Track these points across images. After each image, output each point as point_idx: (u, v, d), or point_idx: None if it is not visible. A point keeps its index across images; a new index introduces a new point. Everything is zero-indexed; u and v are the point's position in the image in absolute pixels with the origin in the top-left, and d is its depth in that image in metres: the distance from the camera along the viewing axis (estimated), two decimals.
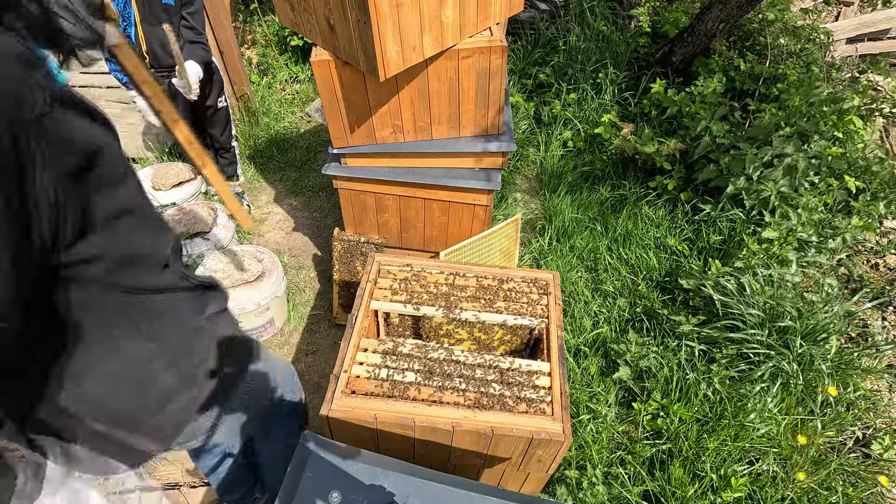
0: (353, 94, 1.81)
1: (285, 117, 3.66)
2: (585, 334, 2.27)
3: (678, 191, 2.87)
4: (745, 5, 3.04)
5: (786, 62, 3.28)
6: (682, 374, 2.06)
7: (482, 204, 2.14)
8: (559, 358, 1.31)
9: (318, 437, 1.03)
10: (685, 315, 2.27)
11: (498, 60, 1.75)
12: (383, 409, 1.20)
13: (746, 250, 2.40)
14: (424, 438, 1.22)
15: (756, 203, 2.54)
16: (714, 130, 2.73)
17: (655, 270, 2.55)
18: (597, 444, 1.90)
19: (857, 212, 2.58)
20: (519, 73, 3.68)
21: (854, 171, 2.64)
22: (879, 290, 2.53)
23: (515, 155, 3.22)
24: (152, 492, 1.86)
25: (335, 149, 2.02)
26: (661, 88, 3.17)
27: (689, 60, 3.42)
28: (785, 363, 2.00)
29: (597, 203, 2.91)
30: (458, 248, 2.17)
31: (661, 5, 4.08)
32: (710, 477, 1.80)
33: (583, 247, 2.67)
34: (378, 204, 2.23)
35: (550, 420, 1.19)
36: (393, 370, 1.28)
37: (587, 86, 3.43)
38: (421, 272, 1.51)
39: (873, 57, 4.03)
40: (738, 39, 3.64)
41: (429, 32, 1.58)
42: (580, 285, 2.50)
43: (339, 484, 0.97)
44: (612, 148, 3.13)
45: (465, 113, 1.91)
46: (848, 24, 4.03)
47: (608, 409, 2.02)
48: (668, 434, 1.94)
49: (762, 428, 1.90)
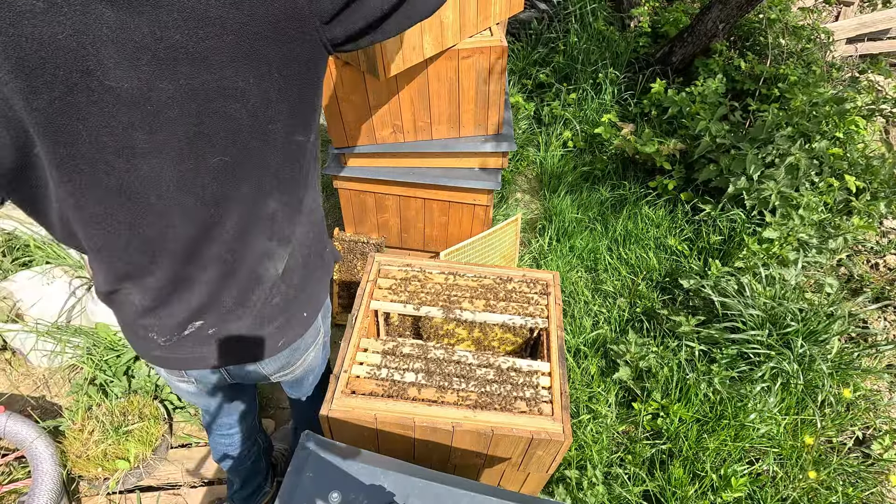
0: (353, 94, 1.81)
1: None
2: (585, 334, 2.27)
3: (678, 191, 2.87)
4: (745, 5, 3.04)
5: (786, 62, 3.28)
6: (682, 375, 2.06)
7: (482, 204, 2.14)
8: (559, 358, 1.31)
9: (318, 437, 1.03)
10: (685, 315, 2.27)
11: (498, 60, 1.75)
12: (383, 409, 1.20)
13: (747, 250, 2.40)
14: (424, 438, 1.22)
15: (756, 203, 2.54)
16: (714, 130, 2.73)
17: (655, 270, 2.55)
18: (597, 444, 1.90)
19: (858, 211, 2.58)
20: (519, 73, 3.68)
21: (854, 171, 2.64)
22: (879, 290, 2.53)
23: (515, 155, 3.22)
24: (152, 492, 1.86)
25: (335, 149, 2.02)
26: (661, 88, 3.17)
27: (689, 60, 3.42)
28: (785, 363, 2.00)
29: (597, 203, 2.91)
30: (458, 248, 2.17)
31: (661, 5, 4.08)
32: (710, 477, 1.80)
33: (583, 247, 2.67)
34: (378, 204, 2.23)
35: (550, 420, 1.19)
36: (393, 370, 1.28)
37: (587, 86, 3.43)
38: (421, 272, 1.51)
39: (873, 57, 4.03)
40: (738, 39, 3.64)
41: (429, 32, 1.58)
42: (580, 285, 2.50)
43: (339, 484, 0.97)
44: (612, 148, 3.13)
45: (465, 113, 1.91)
46: (848, 24, 4.03)
47: (608, 409, 2.01)
48: (668, 434, 1.94)
49: (762, 428, 1.90)
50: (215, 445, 1.46)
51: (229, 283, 0.87)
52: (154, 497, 1.85)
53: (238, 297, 0.90)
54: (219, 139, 0.69)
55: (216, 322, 0.92)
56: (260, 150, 0.74)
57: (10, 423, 1.77)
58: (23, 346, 2.07)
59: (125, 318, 0.93)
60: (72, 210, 0.72)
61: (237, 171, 0.74)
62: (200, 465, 1.94)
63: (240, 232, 0.81)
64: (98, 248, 0.78)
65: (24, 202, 0.72)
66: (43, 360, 2.11)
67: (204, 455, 1.97)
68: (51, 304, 2.09)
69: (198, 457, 1.96)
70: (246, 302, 0.92)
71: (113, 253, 0.78)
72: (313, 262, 1.02)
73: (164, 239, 0.77)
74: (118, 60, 0.60)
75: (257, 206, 0.80)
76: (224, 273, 0.85)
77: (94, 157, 0.66)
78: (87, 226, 0.74)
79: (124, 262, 0.80)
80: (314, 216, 0.97)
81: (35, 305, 2.07)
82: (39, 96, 0.59)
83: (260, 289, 0.91)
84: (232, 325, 0.94)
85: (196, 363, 1.00)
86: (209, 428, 1.42)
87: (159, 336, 0.92)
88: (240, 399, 1.34)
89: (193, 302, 0.87)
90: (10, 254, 2.38)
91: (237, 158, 0.73)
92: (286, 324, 1.01)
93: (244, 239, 0.82)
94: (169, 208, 0.73)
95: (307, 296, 1.04)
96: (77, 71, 0.59)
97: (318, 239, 1.02)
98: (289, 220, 0.88)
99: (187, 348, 0.95)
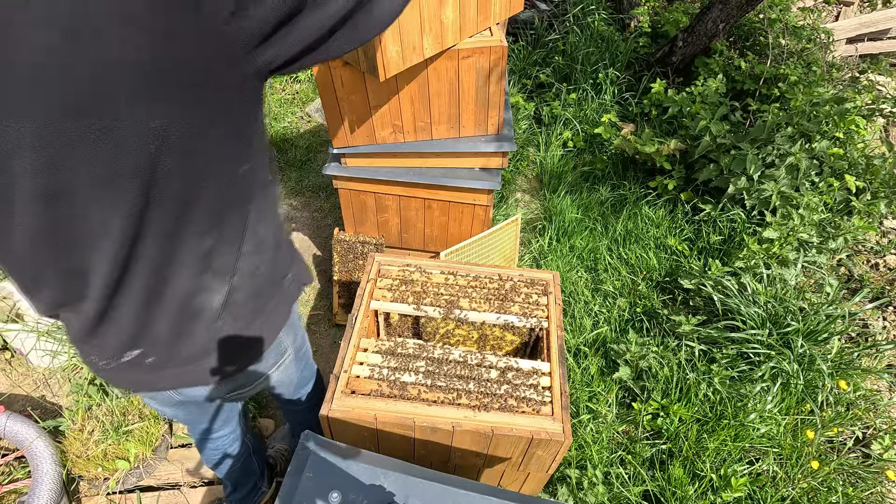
0: (353, 94, 1.81)
1: (285, 117, 3.66)
2: (585, 334, 2.27)
3: (678, 191, 2.87)
4: (746, 5, 3.04)
5: (786, 62, 3.28)
6: (682, 374, 2.06)
7: (482, 204, 2.14)
8: (559, 358, 1.31)
9: (318, 437, 1.03)
10: (685, 315, 2.27)
11: (498, 60, 1.75)
12: (383, 409, 1.20)
13: (747, 250, 2.40)
14: (424, 438, 1.22)
15: (757, 203, 2.54)
16: (714, 130, 2.73)
17: (655, 270, 2.55)
18: (597, 444, 1.90)
19: (858, 211, 2.58)
20: (519, 73, 3.68)
21: (854, 171, 2.64)
22: (879, 290, 2.53)
23: (515, 155, 3.22)
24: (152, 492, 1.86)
25: (335, 149, 2.02)
26: (661, 88, 3.17)
27: (689, 60, 3.42)
28: (785, 363, 2.00)
29: (597, 203, 2.91)
30: (459, 248, 2.17)
31: (661, 5, 4.07)
32: (710, 477, 1.80)
33: (583, 247, 2.67)
34: (378, 204, 2.23)
35: (550, 420, 1.19)
36: (393, 370, 1.28)
37: (587, 86, 3.43)
38: (421, 272, 1.51)
39: (873, 57, 4.03)
40: (738, 39, 3.63)
41: (429, 32, 1.58)
42: (580, 285, 2.50)
43: (339, 484, 0.97)
44: (612, 148, 3.13)
45: (465, 113, 1.91)
46: (848, 24, 4.03)
47: (608, 409, 2.01)
48: (668, 434, 1.94)
49: (762, 428, 1.90)
50: (204, 453, 1.46)
51: (160, 316, 0.85)
52: (154, 497, 1.85)
53: (175, 329, 0.88)
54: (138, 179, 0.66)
55: (154, 352, 0.91)
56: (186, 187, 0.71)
57: (10, 423, 1.77)
58: (23, 346, 2.07)
59: (71, 337, 0.93)
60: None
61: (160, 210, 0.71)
62: (200, 464, 1.94)
63: (165, 268, 0.79)
64: (28, 282, 0.79)
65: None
66: (43, 359, 2.11)
67: None
68: None
69: (197, 457, 1.96)
70: (184, 333, 0.89)
71: (46, 284, 0.78)
72: (267, 292, 0.99)
73: (90, 272, 0.76)
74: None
75: (185, 244, 0.77)
76: (151, 306, 0.83)
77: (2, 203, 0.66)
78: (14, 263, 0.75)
79: (58, 291, 0.80)
80: (264, 246, 0.92)
81: None
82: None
83: (199, 322, 0.89)
84: (173, 355, 0.92)
85: (141, 386, 0.99)
86: (196, 440, 1.42)
87: (99, 359, 0.91)
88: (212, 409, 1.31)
89: (125, 332, 0.86)
90: None
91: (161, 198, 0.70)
92: (237, 350, 0.99)
93: (171, 274, 0.80)
94: (93, 245, 0.72)
95: (261, 324, 1.01)
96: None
97: (272, 269, 0.97)
98: (228, 254, 0.84)
99: (129, 373, 0.94)
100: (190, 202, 0.73)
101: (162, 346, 0.90)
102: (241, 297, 0.92)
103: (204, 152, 0.69)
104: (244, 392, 1.14)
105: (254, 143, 0.77)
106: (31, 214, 0.67)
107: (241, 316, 0.95)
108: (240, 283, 0.90)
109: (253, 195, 0.83)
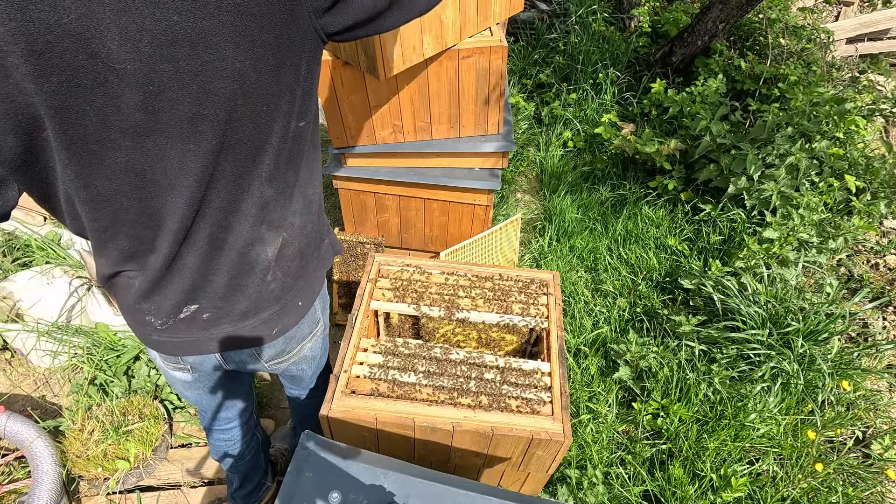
0: (353, 94, 1.81)
1: None
2: (585, 334, 2.27)
3: (678, 191, 2.87)
4: (746, 5, 3.04)
5: (786, 62, 3.28)
6: (682, 375, 2.06)
7: (482, 204, 2.14)
8: (559, 358, 1.31)
9: (318, 437, 1.03)
10: (685, 315, 2.27)
11: (498, 60, 1.75)
12: (383, 409, 1.20)
13: (747, 250, 2.40)
14: (424, 438, 1.22)
15: (757, 203, 2.54)
16: (714, 130, 2.73)
17: (655, 270, 2.55)
18: (597, 444, 1.90)
19: (858, 211, 2.58)
20: (519, 73, 3.68)
21: (854, 171, 2.64)
22: (879, 290, 2.53)
23: (515, 155, 3.22)
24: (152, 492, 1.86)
25: (335, 149, 2.02)
26: (661, 88, 3.17)
27: (689, 60, 3.42)
28: (785, 363, 2.00)
29: (597, 203, 2.91)
30: (459, 248, 2.17)
31: (661, 5, 4.08)
32: (710, 477, 1.80)
33: (583, 247, 2.67)
34: (378, 204, 2.23)
35: (550, 420, 1.19)
36: (393, 370, 1.28)
37: (587, 86, 3.43)
38: (421, 272, 1.51)
39: (873, 57, 4.03)
40: (738, 39, 3.63)
41: (429, 32, 1.58)
42: (580, 285, 2.50)
43: (339, 484, 0.97)
44: (613, 148, 3.13)
45: (465, 113, 1.91)
46: (848, 24, 4.03)
47: (608, 409, 2.01)
48: (668, 434, 1.94)
49: (762, 428, 1.90)
50: (214, 442, 1.47)
51: (219, 267, 0.89)
52: (154, 497, 1.85)
53: (230, 282, 0.92)
54: (217, 121, 0.71)
55: (210, 307, 0.94)
56: (256, 133, 0.76)
57: (10, 423, 1.77)
58: (23, 346, 2.07)
59: (125, 302, 0.95)
60: (80, 190, 0.74)
61: (233, 154, 0.76)
62: (200, 464, 1.94)
63: (230, 214, 0.83)
64: (105, 227, 0.80)
65: (31, 187, 0.75)
66: (43, 360, 2.11)
67: (204, 455, 1.97)
68: (51, 304, 2.09)
69: (198, 457, 1.96)
70: (239, 287, 0.93)
71: (120, 230, 0.80)
72: (310, 253, 1.03)
73: (166, 215, 0.79)
74: (121, 42, 0.62)
75: (250, 191, 0.82)
76: (214, 256, 0.87)
77: (101, 136, 0.68)
78: (95, 204, 0.76)
79: (130, 238, 0.82)
80: (312, 206, 0.99)
81: (35, 305, 2.07)
82: (48, 79, 0.62)
83: (253, 274, 0.93)
84: (226, 310, 0.96)
85: (191, 348, 1.01)
86: (208, 426, 1.42)
87: (156, 319, 0.94)
88: (236, 391, 1.35)
89: (186, 284, 0.89)
90: (11, 254, 2.38)
91: (234, 141, 0.75)
92: (281, 311, 1.03)
93: (234, 222, 0.84)
94: (172, 186, 0.76)
95: (303, 285, 1.05)
96: (83, 53, 0.61)
97: (317, 230, 1.03)
98: (283, 207, 0.89)
99: (183, 332, 0.97)
100: (258, 148, 0.78)
101: (218, 300, 0.93)
102: (289, 252, 0.97)
103: (274, 98, 0.74)
104: (282, 361, 1.17)
105: (312, 100, 0.83)
106: (122, 149, 0.71)
107: (289, 272, 0.99)
108: (290, 238, 0.95)
109: (305, 153, 0.88)
